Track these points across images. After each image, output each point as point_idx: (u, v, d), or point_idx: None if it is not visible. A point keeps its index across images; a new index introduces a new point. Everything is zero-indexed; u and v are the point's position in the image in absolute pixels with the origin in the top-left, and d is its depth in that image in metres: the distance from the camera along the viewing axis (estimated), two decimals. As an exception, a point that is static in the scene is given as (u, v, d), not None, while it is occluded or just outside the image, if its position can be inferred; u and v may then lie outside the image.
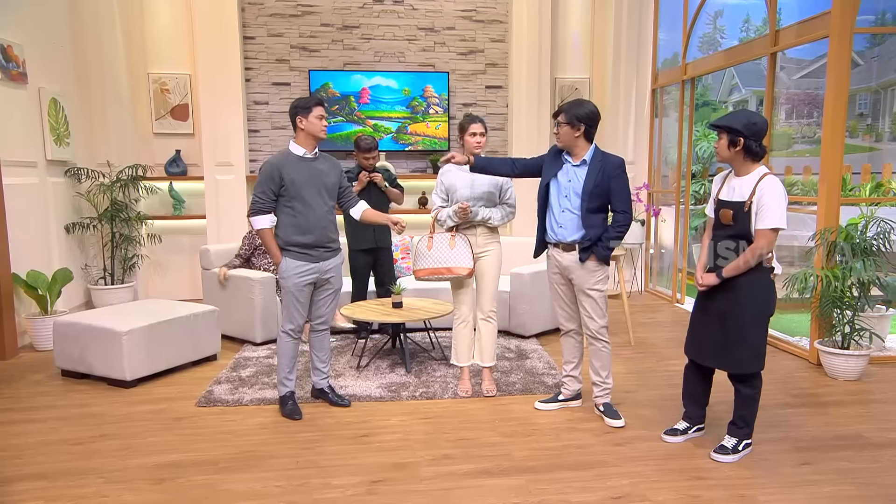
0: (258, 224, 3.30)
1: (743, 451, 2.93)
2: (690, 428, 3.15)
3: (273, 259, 3.35)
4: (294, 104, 3.34)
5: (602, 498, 2.57)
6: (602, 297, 3.29)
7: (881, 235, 3.91)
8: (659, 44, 6.65)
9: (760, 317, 2.84)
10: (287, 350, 3.44)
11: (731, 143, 2.77)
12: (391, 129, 6.59)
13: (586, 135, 3.22)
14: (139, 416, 3.46)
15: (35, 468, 2.86)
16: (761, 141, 2.77)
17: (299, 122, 3.32)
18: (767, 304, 2.84)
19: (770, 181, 2.73)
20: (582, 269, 3.28)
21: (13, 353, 4.59)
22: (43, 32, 5.21)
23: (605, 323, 3.32)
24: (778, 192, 2.71)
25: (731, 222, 2.82)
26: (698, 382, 3.10)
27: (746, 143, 2.75)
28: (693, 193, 8.19)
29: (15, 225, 4.72)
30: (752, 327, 2.82)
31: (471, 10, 6.70)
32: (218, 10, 6.06)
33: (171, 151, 6.34)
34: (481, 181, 3.60)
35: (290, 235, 3.32)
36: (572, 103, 3.23)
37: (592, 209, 3.22)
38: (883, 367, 4.22)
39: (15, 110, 4.80)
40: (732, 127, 2.75)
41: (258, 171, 3.25)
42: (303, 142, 3.35)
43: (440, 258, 3.56)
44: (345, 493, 2.63)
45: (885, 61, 8.96)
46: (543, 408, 3.54)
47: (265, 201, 3.28)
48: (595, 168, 3.21)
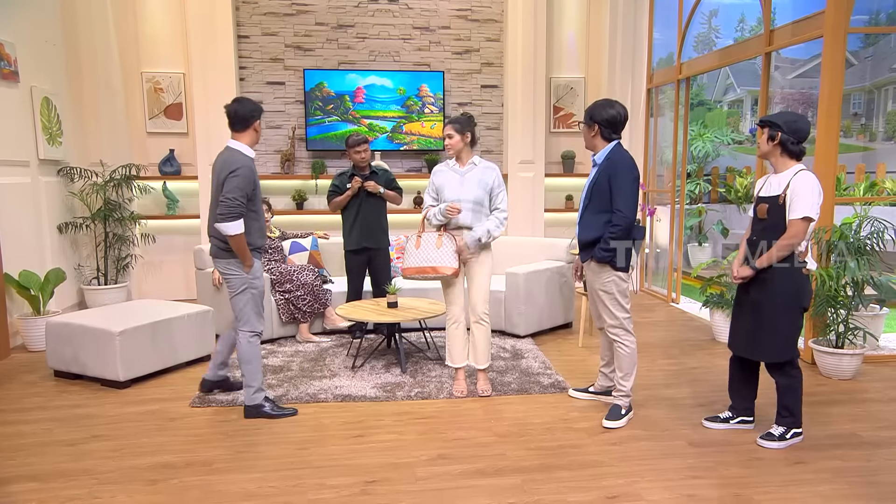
0: (237, 229, 3.16)
1: (791, 439, 3.02)
2: (733, 418, 3.23)
3: (245, 263, 3.28)
4: (254, 105, 3.31)
5: (597, 497, 2.57)
6: (611, 297, 3.27)
7: (875, 235, 3.93)
8: (654, 43, 6.66)
9: (792, 306, 2.93)
10: (258, 353, 3.41)
11: (770, 137, 2.94)
12: (386, 128, 6.58)
13: (603, 135, 3.23)
14: (133, 416, 3.45)
15: (28, 469, 2.85)
16: (801, 141, 2.91)
17: (257, 125, 3.31)
18: (799, 295, 2.93)
19: (804, 175, 2.87)
20: (589, 268, 3.31)
21: (5, 353, 4.56)
22: (35, 31, 5.18)
23: (617, 323, 3.29)
24: (810, 184, 2.83)
25: (766, 216, 2.96)
26: (739, 374, 3.22)
27: (783, 139, 2.89)
28: (688, 193, 8.21)
29: (7, 225, 4.69)
30: (783, 316, 2.93)
31: (466, 9, 6.70)
32: (211, 9, 6.04)
33: (164, 151, 6.31)
34: (471, 184, 3.56)
35: (255, 239, 3.33)
36: (596, 103, 3.28)
37: (594, 209, 3.22)
38: (877, 365, 4.23)
39: (7, 109, 4.77)
40: (773, 122, 2.91)
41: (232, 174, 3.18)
42: (252, 144, 3.34)
43: (427, 257, 3.54)
44: (339, 493, 2.62)
45: (879, 61, 9.00)
46: (575, 395, 3.67)
47: (242, 204, 3.19)
48: (602, 167, 3.22)
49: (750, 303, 3.03)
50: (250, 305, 3.34)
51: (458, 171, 3.60)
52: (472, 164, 3.60)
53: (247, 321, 3.35)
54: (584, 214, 3.27)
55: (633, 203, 3.17)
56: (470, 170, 3.59)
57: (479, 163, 3.61)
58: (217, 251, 3.32)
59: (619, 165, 3.17)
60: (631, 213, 3.15)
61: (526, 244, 5.58)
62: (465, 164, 3.61)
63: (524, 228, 6.72)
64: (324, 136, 6.51)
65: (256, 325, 3.37)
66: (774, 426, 3.07)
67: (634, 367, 3.34)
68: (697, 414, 3.42)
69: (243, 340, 3.36)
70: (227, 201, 3.14)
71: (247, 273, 3.31)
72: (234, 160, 3.22)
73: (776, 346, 2.95)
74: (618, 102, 3.27)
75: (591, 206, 3.23)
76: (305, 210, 6.56)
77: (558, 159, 7.01)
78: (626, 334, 3.30)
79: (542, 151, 6.70)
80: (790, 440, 3.02)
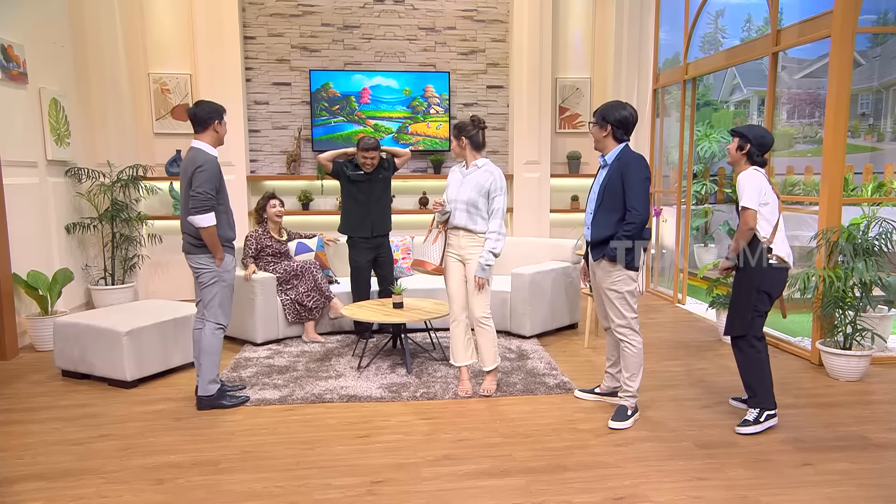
0: (208, 221, 3.33)
1: (765, 421, 3.16)
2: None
3: (217, 256, 3.42)
4: (213, 107, 3.42)
5: (603, 499, 2.56)
6: (620, 297, 3.28)
7: (883, 236, 3.90)
8: (660, 43, 6.64)
9: (749, 288, 3.18)
10: (220, 346, 3.53)
11: (740, 147, 3.24)
12: (392, 128, 6.59)
13: (615, 136, 3.27)
14: (139, 416, 3.46)
15: (35, 468, 2.86)
16: (764, 153, 3.23)
17: (217, 125, 3.42)
18: (760, 278, 3.16)
19: (746, 172, 3.19)
20: (599, 268, 3.32)
21: (13, 353, 4.59)
22: (43, 32, 5.21)
23: (625, 323, 3.30)
24: (747, 179, 3.14)
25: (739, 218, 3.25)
26: None
27: (750, 150, 3.22)
28: (694, 193, 8.17)
29: (15, 225, 4.72)
30: (740, 295, 3.23)
31: (472, 9, 6.70)
32: (218, 11, 6.07)
33: (171, 151, 6.34)
34: (468, 185, 3.60)
35: (226, 231, 3.46)
36: (607, 104, 3.33)
37: (606, 209, 3.24)
38: (885, 367, 4.21)
39: (15, 110, 4.80)
40: (744, 134, 3.22)
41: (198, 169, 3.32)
42: (213, 143, 3.44)
43: (423, 251, 3.75)
44: (345, 493, 2.62)
45: (887, 61, 8.94)
46: (581, 396, 3.68)
47: (213, 197, 3.35)
48: (613, 167, 3.25)
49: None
50: (218, 298, 3.48)
51: (462, 173, 3.69)
52: (474, 166, 3.64)
53: (214, 313, 3.49)
54: (597, 213, 3.28)
55: (646, 201, 3.22)
56: (471, 172, 3.64)
57: (481, 165, 3.64)
58: (189, 247, 3.46)
59: (632, 165, 3.20)
60: (645, 211, 3.20)
61: (531, 245, 5.57)
62: (469, 166, 3.67)
63: (530, 229, 6.72)
64: (330, 137, 6.52)
65: (222, 318, 3.52)
66: (749, 410, 3.25)
67: (641, 368, 3.35)
68: (704, 415, 3.41)
69: (208, 332, 3.48)
70: (198, 195, 3.30)
71: (217, 266, 3.46)
72: (199, 157, 3.37)
73: (732, 320, 3.25)
74: (629, 104, 3.31)
75: (604, 205, 3.25)
76: (311, 210, 6.58)
77: (564, 160, 7.00)
78: (634, 334, 3.31)
79: (548, 152, 6.70)
80: (765, 423, 3.17)
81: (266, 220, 4.99)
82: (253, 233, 4.97)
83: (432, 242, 3.70)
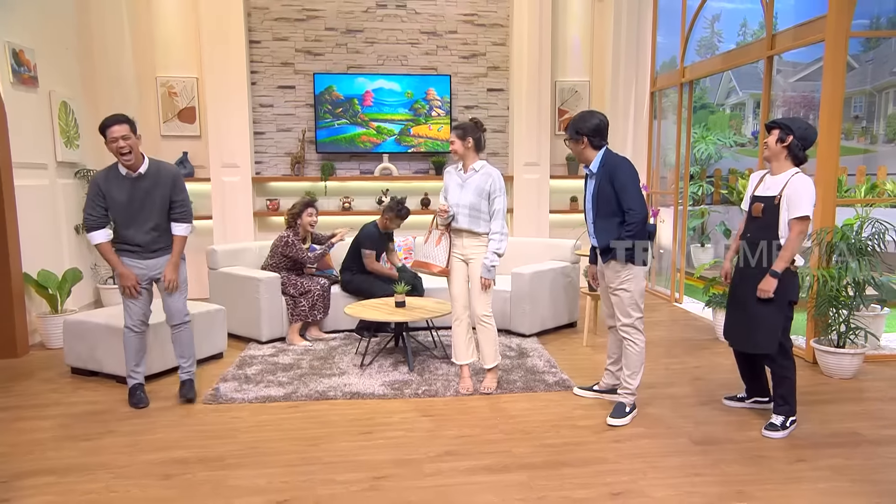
0: (96, 239, 3.42)
1: (790, 427, 3.17)
2: (748, 398, 3.52)
3: (114, 269, 3.51)
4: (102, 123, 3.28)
5: (601, 494, 2.61)
6: (629, 296, 3.33)
7: (876, 236, 3.96)
8: (657, 47, 6.71)
9: (779, 300, 3.08)
10: (131, 344, 3.63)
11: (781, 139, 3.07)
12: (394, 131, 6.66)
13: (593, 145, 3.31)
14: (146, 412, 3.53)
15: (45, 464, 2.92)
16: (807, 148, 3.09)
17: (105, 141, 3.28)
18: (786, 289, 3.08)
19: (800, 177, 3.05)
20: (608, 270, 3.37)
21: (24, 350, 4.67)
22: (53, 37, 5.30)
23: (631, 322, 3.36)
24: (807, 185, 2.99)
25: (761, 215, 3.13)
26: (743, 363, 3.46)
27: (793, 143, 3.05)
28: (691, 194, 8.24)
29: (26, 225, 4.79)
30: (770, 310, 3.10)
31: (472, 14, 6.77)
32: (224, 15, 6.14)
33: (178, 153, 6.42)
34: (469, 190, 3.62)
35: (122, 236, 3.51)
36: (576, 117, 3.34)
37: (604, 215, 3.29)
38: (878, 365, 4.27)
39: (26, 113, 4.88)
40: (787, 125, 3.05)
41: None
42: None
43: (426, 252, 3.77)
44: (348, 488, 2.68)
45: (880, 65, 9.00)
46: (580, 393, 3.73)
47: (97, 217, 3.40)
48: (600, 175, 3.29)
49: (742, 297, 3.21)
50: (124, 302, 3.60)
51: (461, 176, 3.68)
52: (472, 169, 3.65)
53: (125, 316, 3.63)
54: (597, 221, 3.32)
55: (641, 199, 3.25)
56: (470, 175, 3.65)
57: (479, 168, 3.65)
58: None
59: (618, 168, 3.25)
60: (642, 209, 3.22)
61: (531, 244, 5.64)
62: (468, 168, 3.68)
63: (529, 229, 6.79)
64: (333, 139, 6.60)
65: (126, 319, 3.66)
66: (774, 416, 3.22)
67: (642, 367, 3.41)
68: (700, 412, 3.47)
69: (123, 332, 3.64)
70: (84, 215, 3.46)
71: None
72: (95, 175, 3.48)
73: (765, 338, 3.13)
74: (596, 111, 3.37)
75: (601, 213, 3.30)
76: (314, 212, 6.64)
77: (563, 161, 7.07)
78: (638, 333, 3.38)
79: (548, 153, 6.77)
80: (789, 428, 3.18)
81: (299, 225, 4.85)
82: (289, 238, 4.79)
83: (436, 244, 3.71)
